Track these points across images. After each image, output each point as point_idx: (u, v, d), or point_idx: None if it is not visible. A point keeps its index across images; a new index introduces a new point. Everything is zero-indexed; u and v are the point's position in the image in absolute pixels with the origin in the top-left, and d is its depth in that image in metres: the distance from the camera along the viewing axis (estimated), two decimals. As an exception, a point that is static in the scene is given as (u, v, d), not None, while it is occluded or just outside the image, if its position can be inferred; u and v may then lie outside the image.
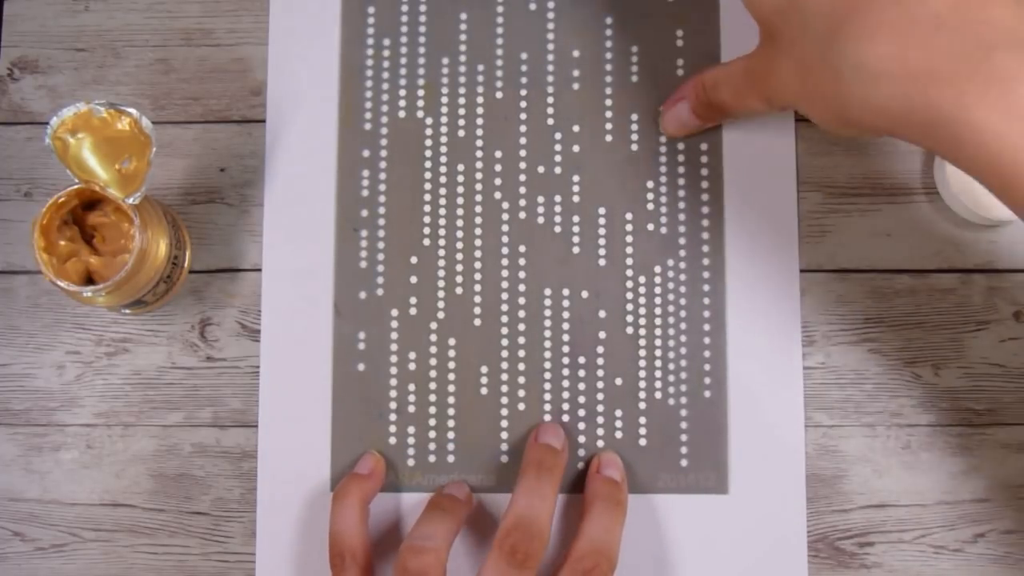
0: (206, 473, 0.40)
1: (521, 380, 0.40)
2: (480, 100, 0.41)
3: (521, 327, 0.40)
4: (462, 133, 0.41)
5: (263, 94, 0.41)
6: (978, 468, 0.39)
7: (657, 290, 0.40)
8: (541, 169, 0.40)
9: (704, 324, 0.40)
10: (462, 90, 0.41)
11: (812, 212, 0.40)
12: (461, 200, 0.40)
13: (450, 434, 0.39)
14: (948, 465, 0.39)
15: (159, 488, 0.40)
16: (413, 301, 0.40)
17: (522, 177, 0.40)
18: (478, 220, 0.40)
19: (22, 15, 0.42)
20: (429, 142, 0.41)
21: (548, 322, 0.40)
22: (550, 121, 0.41)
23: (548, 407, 0.39)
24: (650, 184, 0.40)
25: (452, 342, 0.40)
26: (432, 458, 0.39)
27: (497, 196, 0.40)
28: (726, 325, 0.40)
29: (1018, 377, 0.40)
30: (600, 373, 0.39)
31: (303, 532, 0.39)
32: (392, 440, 0.39)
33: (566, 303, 0.40)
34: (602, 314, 0.40)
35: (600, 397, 0.39)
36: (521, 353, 0.40)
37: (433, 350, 0.40)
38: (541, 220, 0.40)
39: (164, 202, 0.40)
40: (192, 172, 0.41)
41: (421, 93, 0.41)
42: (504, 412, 0.39)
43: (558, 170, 0.40)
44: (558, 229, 0.40)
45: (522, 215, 0.40)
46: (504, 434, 0.39)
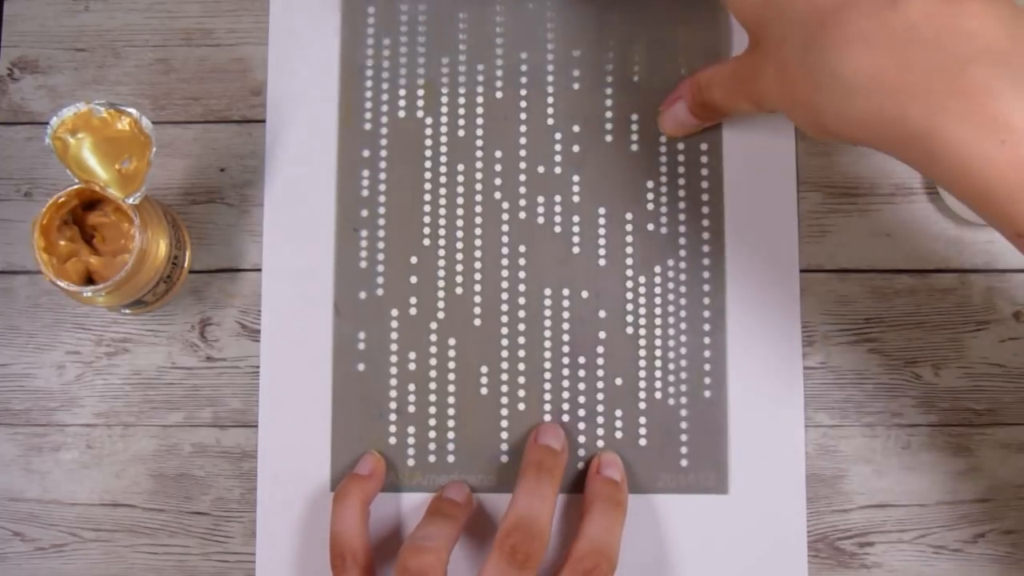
0: (206, 473, 0.40)
1: (521, 380, 0.40)
2: (480, 100, 0.41)
3: (521, 327, 0.40)
4: (462, 133, 0.41)
5: (263, 94, 0.41)
6: (978, 468, 0.39)
7: (657, 290, 0.40)
8: (541, 169, 0.40)
9: (704, 324, 0.40)
10: (462, 90, 0.41)
11: (812, 212, 0.40)
12: (461, 200, 0.40)
13: (450, 434, 0.39)
14: (948, 465, 0.39)
15: (159, 488, 0.40)
16: (413, 301, 0.40)
17: (522, 177, 0.40)
18: (478, 220, 0.40)
19: (22, 15, 0.42)
20: (429, 142, 0.41)
21: (548, 322, 0.40)
22: (550, 121, 0.41)
23: (548, 407, 0.39)
24: (650, 184, 0.40)
25: (452, 342, 0.40)
26: (432, 458, 0.39)
27: (497, 196, 0.40)
28: (726, 325, 0.40)
29: (1018, 377, 0.40)
30: (600, 373, 0.39)
31: (303, 532, 0.39)
32: (392, 440, 0.39)
33: (566, 303, 0.40)
34: (602, 314, 0.40)
35: (600, 397, 0.39)
36: (521, 353, 0.40)
37: (433, 350, 0.40)
38: (541, 220, 0.40)
39: (164, 202, 0.40)
40: (192, 172, 0.41)
41: (421, 93, 0.41)
42: (504, 412, 0.39)
43: (558, 170, 0.40)
44: (558, 229, 0.40)
45: (522, 215, 0.40)
46: (504, 434, 0.39)
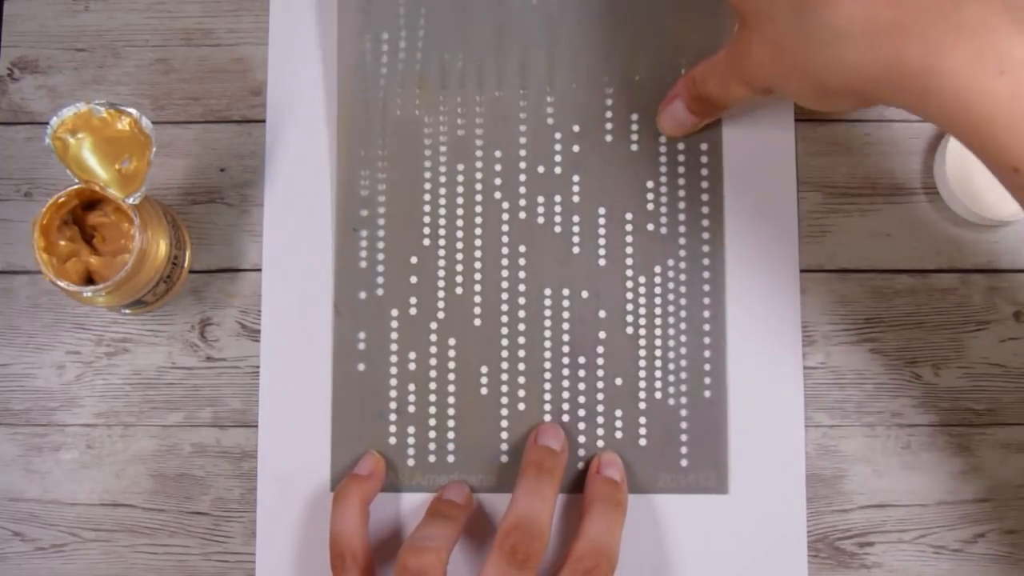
0: (206, 473, 0.40)
1: (521, 380, 0.40)
2: (480, 100, 0.41)
3: (521, 327, 0.40)
4: (462, 133, 0.41)
5: (263, 94, 0.41)
6: (978, 468, 0.39)
7: (657, 290, 0.40)
8: (541, 169, 0.40)
9: (704, 324, 0.40)
10: (462, 90, 0.41)
11: (812, 212, 0.40)
12: (461, 200, 0.40)
13: (450, 434, 0.39)
14: (948, 465, 0.39)
15: (159, 488, 0.40)
16: (413, 301, 0.40)
17: (522, 177, 0.40)
18: (478, 220, 0.40)
19: (22, 15, 0.42)
20: (429, 142, 0.41)
21: (548, 322, 0.40)
22: (550, 121, 0.41)
23: (548, 407, 0.39)
24: (650, 184, 0.40)
25: (452, 342, 0.40)
26: (432, 458, 0.39)
27: (497, 196, 0.40)
28: (726, 325, 0.40)
29: (1018, 377, 0.40)
30: (600, 373, 0.39)
31: (303, 532, 0.39)
32: (392, 440, 0.39)
33: (566, 303, 0.40)
34: (602, 314, 0.40)
35: (600, 397, 0.39)
36: (521, 353, 0.40)
37: (433, 350, 0.40)
38: (541, 220, 0.40)
39: (164, 202, 0.40)
40: (192, 172, 0.41)
41: (421, 93, 0.41)
42: (504, 412, 0.39)
43: (558, 170, 0.40)
44: (558, 229, 0.40)
45: (522, 215, 0.40)
46: (504, 434, 0.39)
